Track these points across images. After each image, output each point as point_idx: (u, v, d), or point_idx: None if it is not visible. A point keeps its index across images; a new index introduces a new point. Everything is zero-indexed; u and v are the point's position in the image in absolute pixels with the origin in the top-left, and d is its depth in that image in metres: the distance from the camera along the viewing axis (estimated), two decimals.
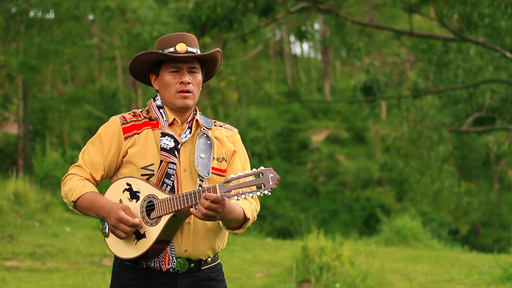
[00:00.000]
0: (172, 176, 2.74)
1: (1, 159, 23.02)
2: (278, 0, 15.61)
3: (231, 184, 2.56)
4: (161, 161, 2.75)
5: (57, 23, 22.69)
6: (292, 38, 45.07)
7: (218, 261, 2.90)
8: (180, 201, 2.63)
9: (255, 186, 2.54)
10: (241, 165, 2.90)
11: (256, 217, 2.85)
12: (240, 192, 2.54)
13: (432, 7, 15.71)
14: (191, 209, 2.61)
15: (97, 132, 2.86)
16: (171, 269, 2.73)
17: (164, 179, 2.73)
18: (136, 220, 2.66)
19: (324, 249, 7.77)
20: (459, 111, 21.38)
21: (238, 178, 2.55)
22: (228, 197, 2.56)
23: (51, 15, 22.87)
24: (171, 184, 2.73)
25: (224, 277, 2.92)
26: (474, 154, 25.89)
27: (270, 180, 2.53)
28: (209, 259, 2.83)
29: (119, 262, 2.82)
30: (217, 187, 2.57)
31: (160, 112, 2.84)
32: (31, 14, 22.64)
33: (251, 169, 2.63)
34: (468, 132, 21.86)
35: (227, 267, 9.18)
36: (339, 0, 16.57)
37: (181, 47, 2.79)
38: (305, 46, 57.37)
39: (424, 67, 19.63)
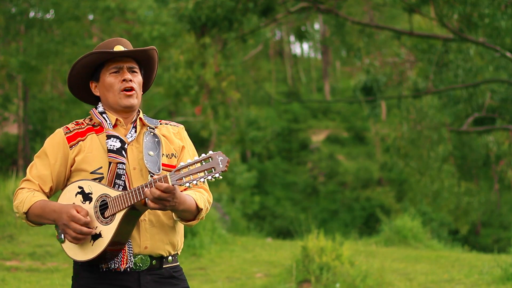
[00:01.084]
0: (123, 176, 2.76)
1: (1, 159, 23.03)
2: (278, 0, 15.61)
3: (182, 172, 2.56)
4: (110, 163, 2.76)
5: (57, 23, 22.68)
6: (292, 38, 45.07)
7: (178, 263, 2.92)
8: (132, 195, 2.63)
9: (205, 171, 2.54)
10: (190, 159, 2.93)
11: (209, 208, 2.87)
12: (192, 178, 2.54)
13: (432, 7, 15.71)
14: (140, 200, 2.60)
15: (43, 146, 2.88)
16: (128, 269, 2.74)
17: (115, 180, 2.75)
18: (88, 219, 2.66)
19: (324, 249, 7.77)
20: (459, 111, 21.37)
21: (189, 166, 2.56)
22: (180, 185, 2.56)
23: (51, 15, 22.86)
24: (122, 184, 2.75)
25: (185, 278, 2.93)
26: (474, 154, 25.89)
27: (220, 163, 2.53)
28: (170, 258, 2.84)
29: (79, 264, 2.81)
30: (168, 176, 2.57)
31: (103, 117, 2.87)
32: (31, 14, 22.63)
33: (202, 155, 2.62)
34: (468, 132, 21.86)
35: (227, 267, 9.19)
36: (339, 0, 16.56)
37: (118, 49, 2.84)
38: (305, 46, 57.37)
39: (424, 67, 19.62)
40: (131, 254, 2.74)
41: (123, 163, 2.77)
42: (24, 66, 20.62)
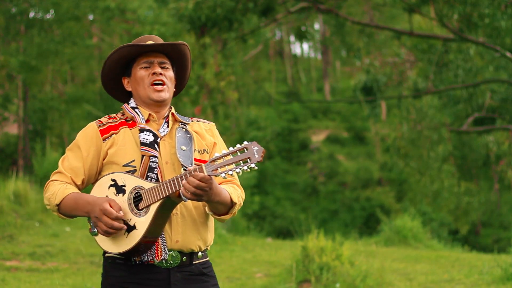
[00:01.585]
0: (155, 169, 2.76)
1: (1, 159, 23.02)
2: (278, 0, 15.62)
3: (217, 162, 2.55)
4: (143, 156, 2.77)
5: (57, 23, 22.68)
6: (292, 38, 45.07)
7: (208, 258, 2.91)
8: (167, 187, 2.63)
9: (241, 161, 2.53)
10: None
11: (242, 204, 2.87)
12: (227, 169, 2.54)
13: (432, 7, 15.71)
14: (180, 189, 2.60)
15: (75, 138, 2.89)
16: (163, 261, 2.73)
17: (147, 173, 2.75)
18: (121, 214, 2.66)
19: (324, 249, 7.77)
20: (459, 111, 21.37)
21: (223, 156, 2.55)
22: (215, 175, 2.56)
23: (51, 15, 22.86)
24: (155, 177, 2.75)
25: (215, 274, 2.93)
26: (474, 154, 25.89)
27: (256, 153, 2.52)
28: (200, 253, 2.83)
29: (109, 262, 2.81)
30: (203, 167, 2.57)
31: (136, 111, 2.88)
32: (31, 14, 22.63)
33: (236, 145, 2.62)
34: (468, 132, 21.87)
35: (227, 267, 9.18)
36: (339, 0, 16.57)
37: (150, 43, 2.87)
38: (305, 46, 57.38)
39: (424, 67, 19.63)
40: (166, 247, 2.74)
41: (156, 157, 2.78)
42: (24, 66, 20.61)
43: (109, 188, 2.75)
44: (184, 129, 2.87)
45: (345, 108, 37.30)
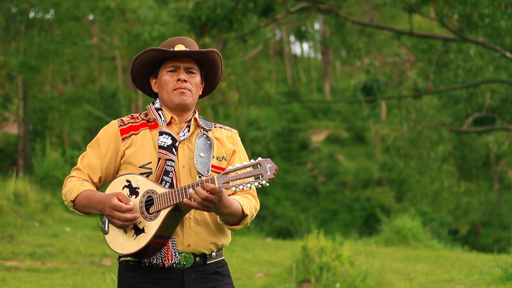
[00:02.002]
0: (171, 173, 2.76)
1: (1, 159, 23.02)
2: (278, 0, 15.61)
3: (230, 175, 2.56)
4: (159, 159, 2.78)
5: (57, 23, 22.68)
6: (292, 38, 45.07)
7: (223, 257, 2.92)
8: (178, 194, 2.64)
9: (253, 177, 2.54)
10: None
11: (254, 215, 2.86)
12: (238, 183, 2.55)
13: (432, 7, 15.71)
14: (184, 199, 2.61)
15: (97, 136, 2.91)
16: (174, 265, 2.74)
17: (162, 176, 2.76)
18: (131, 205, 2.67)
19: (324, 249, 7.77)
20: (459, 111, 21.37)
21: (237, 170, 2.56)
22: (227, 188, 2.57)
23: (51, 15, 22.86)
24: (169, 181, 2.76)
25: (229, 273, 2.94)
26: (474, 154, 25.89)
27: (268, 170, 2.53)
28: (214, 253, 2.84)
29: (123, 264, 2.83)
30: (215, 179, 2.58)
31: (158, 113, 2.88)
32: (31, 14, 22.63)
33: (250, 160, 2.63)
34: (468, 132, 21.86)
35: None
36: (339, 0, 16.57)
37: (179, 48, 2.85)
38: (305, 46, 57.40)
39: (424, 67, 19.63)
40: (176, 251, 2.74)
41: (172, 160, 2.78)
42: (24, 66, 20.61)
43: (123, 188, 2.77)
44: (205, 135, 2.86)
45: (345, 108, 37.30)
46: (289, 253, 9.18)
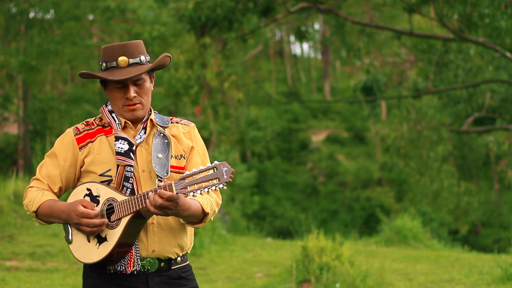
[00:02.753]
0: (131, 178, 2.75)
1: (1, 159, 23.03)
2: (278, 0, 15.61)
3: (187, 180, 2.56)
4: (118, 165, 2.76)
5: (57, 23, 22.69)
6: (292, 38, 45.08)
7: (187, 262, 2.91)
8: (137, 201, 2.64)
9: (210, 181, 2.55)
10: (200, 159, 2.90)
11: (216, 210, 2.85)
12: (196, 188, 2.55)
13: (432, 7, 15.71)
14: (146, 204, 2.61)
15: (54, 145, 2.88)
16: (135, 272, 2.74)
17: (123, 182, 2.75)
18: (96, 210, 2.67)
19: (324, 249, 7.77)
20: (459, 111, 21.37)
21: (194, 175, 2.56)
22: (185, 194, 2.57)
23: (51, 15, 22.87)
24: (130, 187, 2.75)
25: (194, 277, 2.93)
26: (474, 154, 25.88)
27: (225, 174, 2.54)
28: (179, 258, 2.84)
29: (89, 266, 2.83)
30: (173, 185, 2.57)
31: (113, 117, 2.85)
32: (31, 14, 22.64)
33: (207, 164, 2.63)
34: (468, 132, 21.87)
35: (227, 267, 9.19)
36: (339, 0, 16.57)
37: (122, 62, 2.77)
38: (305, 46, 57.41)
39: (424, 67, 19.63)
40: (138, 257, 2.74)
41: (131, 165, 2.76)
42: (24, 66, 20.62)
43: (84, 197, 2.76)
44: (162, 134, 2.84)
45: (345, 108, 37.30)
46: (289, 253, 9.18)
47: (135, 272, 2.75)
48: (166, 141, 2.83)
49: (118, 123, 2.83)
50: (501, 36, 14.39)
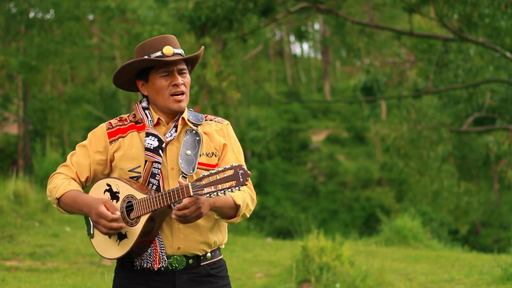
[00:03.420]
0: (157, 175, 2.74)
1: (1, 159, 23.02)
2: (278, 0, 15.61)
3: (203, 182, 2.55)
4: (146, 161, 2.76)
5: (57, 23, 22.68)
6: (292, 38, 45.07)
7: (220, 257, 2.88)
8: (156, 200, 2.63)
9: (226, 183, 2.54)
10: (234, 157, 2.88)
11: (251, 205, 2.82)
12: (213, 189, 2.54)
13: (432, 7, 15.71)
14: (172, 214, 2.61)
15: (87, 137, 2.90)
16: (162, 268, 2.73)
17: (149, 178, 2.74)
18: (117, 214, 2.67)
19: (324, 249, 7.77)
20: (459, 111, 21.37)
21: (210, 176, 2.55)
22: (201, 195, 2.56)
23: (51, 15, 22.87)
24: (156, 184, 2.74)
25: (227, 274, 2.91)
26: (474, 154, 25.88)
27: (241, 176, 2.53)
28: (208, 254, 2.81)
29: (119, 263, 2.85)
30: (190, 186, 2.56)
31: (145, 113, 2.85)
32: (31, 14, 22.63)
33: (228, 166, 2.60)
34: (468, 132, 21.86)
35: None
36: (339, 0, 16.56)
37: (168, 50, 2.79)
38: (305, 46, 57.41)
39: (424, 67, 19.63)
40: (164, 254, 2.73)
41: (159, 162, 2.75)
42: (24, 66, 20.61)
43: (104, 192, 2.78)
44: (193, 131, 2.83)
45: (345, 108, 37.30)
46: (289, 253, 9.18)
47: (162, 268, 2.73)
48: (197, 138, 2.82)
49: (150, 120, 2.83)
50: (501, 36, 14.39)
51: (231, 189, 2.54)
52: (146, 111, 2.85)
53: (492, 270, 8.30)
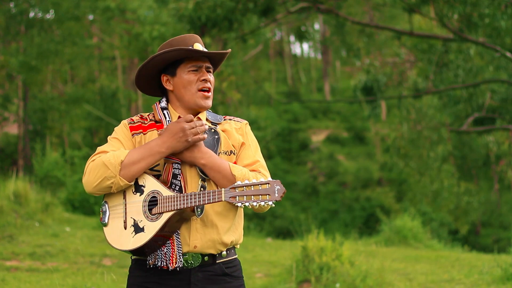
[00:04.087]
0: (179, 176, 2.72)
1: (1, 159, 23.03)
2: (278, 0, 15.61)
3: (237, 190, 2.55)
4: (165, 163, 2.75)
5: (57, 23, 22.70)
6: (292, 38, 45.09)
7: (235, 256, 2.86)
8: (183, 200, 2.62)
9: (260, 196, 2.53)
10: (252, 154, 2.86)
11: (250, 179, 2.71)
12: (245, 199, 2.53)
13: (432, 7, 15.71)
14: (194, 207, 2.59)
15: (113, 132, 2.88)
16: (178, 268, 2.70)
17: (171, 179, 2.72)
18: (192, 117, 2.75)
19: (324, 249, 7.77)
20: (459, 111, 21.37)
21: (245, 186, 2.55)
22: (233, 203, 2.55)
23: (51, 15, 22.88)
24: (179, 184, 2.71)
25: (242, 274, 2.89)
26: (474, 154, 25.89)
27: (276, 192, 2.53)
28: (224, 252, 2.79)
29: (134, 262, 2.82)
30: (223, 192, 2.56)
31: (164, 113, 2.84)
32: (31, 14, 22.65)
33: (260, 179, 2.59)
34: (468, 132, 21.86)
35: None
36: (339, 0, 16.56)
37: (198, 47, 2.81)
38: (305, 46, 57.43)
39: (424, 67, 19.62)
40: (181, 253, 2.70)
41: (178, 163, 2.74)
42: (24, 66, 20.63)
43: None
44: (212, 130, 2.82)
45: (345, 108, 37.31)
46: (289, 253, 9.18)
47: (178, 268, 2.70)
48: (216, 137, 2.81)
49: (168, 120, 2.81)
50: (501, 36, 14.38)
51: (264, 203, 2.52)
52: (165, 111, 2.84)
53: (492, 270, 8.31)
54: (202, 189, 2.70)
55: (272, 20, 17.25)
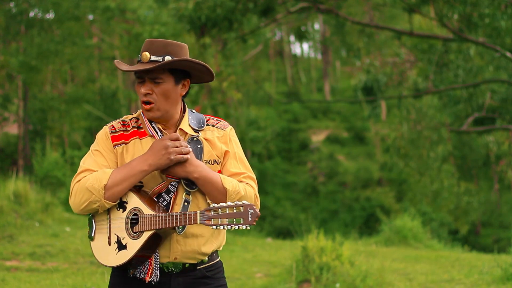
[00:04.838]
0: (172, 193, 2.71)
1: (1, 159, 23.04)
2: (278, 0, 15.61)
3: (212, 213, 2.55)
4: (163, 181, 2.73)
5: (57, 23, 22.71)
6: (292, 38, 45.09)
7: (217, 260, 2.86)
8: (162, 220, 2.61)
9: (234, 219, 2.53)
10: (237, 164, 2.82)
11: (241, 193, 2.72)
12: (219, 222, 2.54)
13: (432, 7, 15.71)
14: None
15: (95, 141, 2.84)
16: (153, 282, 2.70)
17: (162, 193, 2.71)
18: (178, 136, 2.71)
19: (324, 249, 7.77)
20: (459, 111, 21.37)
21: (220, 208, 2.54)
22: (207, 225, 2.55)
23: (51, 15, 22.88)
24: (168, 200, 2.70)
25: (223, 275, 2.88)
26: (474, 154, 25.90)
27: (250, 216, 2.52)
28: (206, 258, 2.79)
29: (114, 269, 2.84)
30: (198, 214, 2.56)
31: (152, 125, 2.80)
32: (31, 14, 22.65)
33: (234, 202, 2.59)
34: (468, 132, 21.86)
35: (227, 267, 9.16)
36: (339, 0, 16.57)
37: (144, 56, 2.73)
38: (305, 46, 57.45)
39: (424, 67, 19.62)
40: (157, 268, 2.70)
41: (177, 181, 2.72)
42: (24, 66, 20.63)
43: None
44: (195, 139, 2.79)
45: (345, 108, 37.32)
46: (289, 253, 9.18)
47: (153, 282, 2.70)
48: (199, 146, 2.78)
49: (153, 127, 2.79)
50: (501, 36, 14.39)
51: (238, 226, 2.52)
52: (153, 124, 2.80)
53: (492, 270, 8.30)
54: (185, 203, 2.69)
55: (272, 20, 17.26)
